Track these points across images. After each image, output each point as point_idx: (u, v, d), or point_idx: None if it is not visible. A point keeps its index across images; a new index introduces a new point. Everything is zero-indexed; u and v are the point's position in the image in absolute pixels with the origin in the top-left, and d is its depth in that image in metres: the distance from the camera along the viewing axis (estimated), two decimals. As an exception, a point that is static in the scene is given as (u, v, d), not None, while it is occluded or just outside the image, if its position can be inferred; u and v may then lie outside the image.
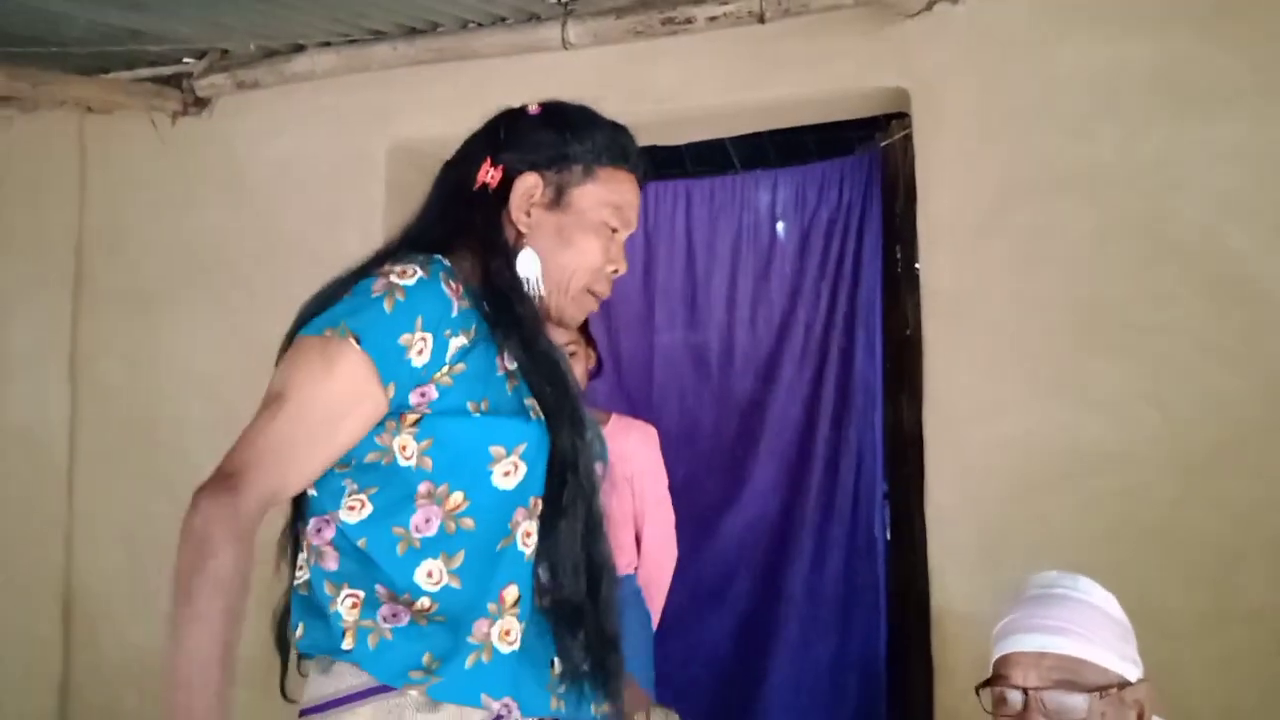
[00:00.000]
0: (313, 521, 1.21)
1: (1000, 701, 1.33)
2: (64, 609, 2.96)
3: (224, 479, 1.13)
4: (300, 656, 1.23)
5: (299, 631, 1.19)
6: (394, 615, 1.15)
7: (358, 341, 1.15)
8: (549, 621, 1.21)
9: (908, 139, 2.53)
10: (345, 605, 1.16)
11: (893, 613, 2.70)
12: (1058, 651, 1.32)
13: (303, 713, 1.18)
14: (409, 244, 1.28)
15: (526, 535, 1.19)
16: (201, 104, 2.93)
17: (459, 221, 1.29)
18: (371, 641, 1.15)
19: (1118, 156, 2.26)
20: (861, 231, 2.65)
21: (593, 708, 1.22)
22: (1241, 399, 2.15)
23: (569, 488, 1.22)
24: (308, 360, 1.18)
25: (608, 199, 1.31)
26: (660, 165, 2.86)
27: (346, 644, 1.15)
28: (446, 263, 1.23)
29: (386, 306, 1.17)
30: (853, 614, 2.69)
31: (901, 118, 2.60)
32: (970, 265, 2.35)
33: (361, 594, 1.16)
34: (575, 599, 1.21)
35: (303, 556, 1.22)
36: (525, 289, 1.28)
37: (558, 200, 1.30)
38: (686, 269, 2.84)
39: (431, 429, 1.18)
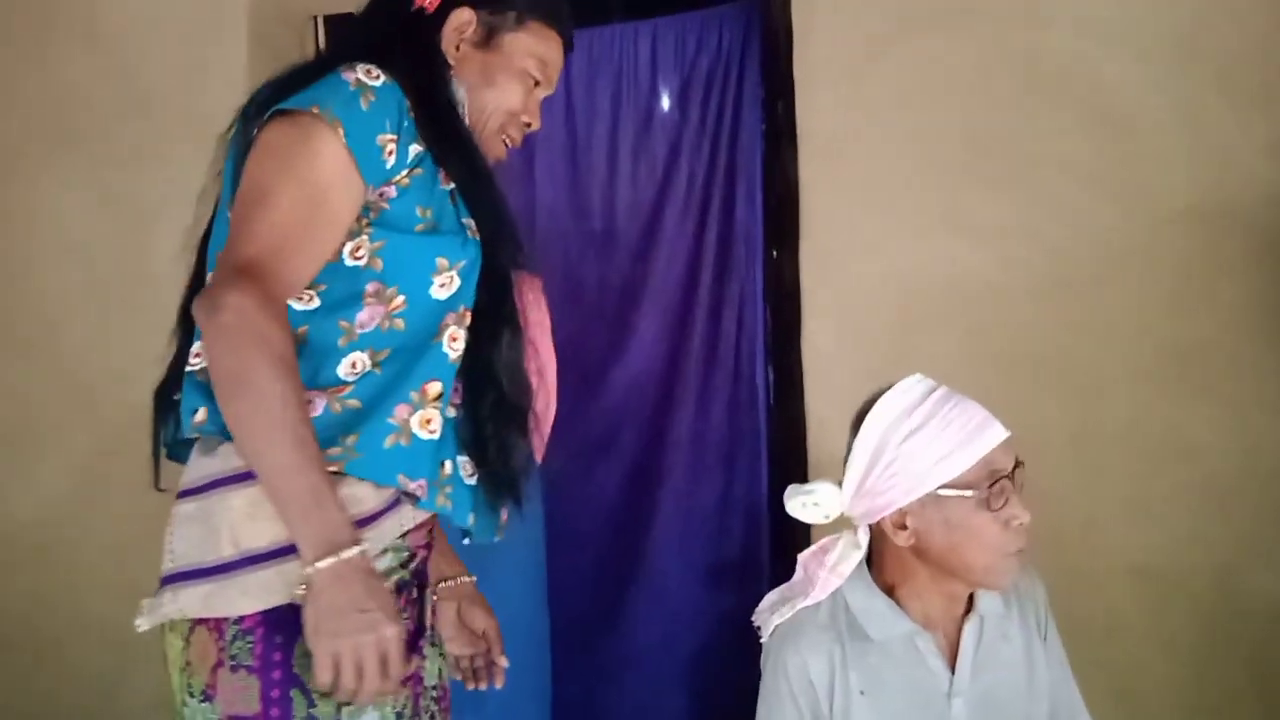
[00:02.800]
0: None
1: (998, 495, 1.34)
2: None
3: (240, 273, 1.12)
4: (179, 444, 1.24)
5: (200, 415, 1.17)
6: (309, 404, 1.15)
7: (344, 134, 1.17)
8: (485, 430, 1.26)
9: (787, -15, 2.52)
10: None
11: (774, 458, 2.79)
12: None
13: (182, 493, 1.18)
14: (343, 53, 1.28)
15: (453, 339, 1.24)
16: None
17: (395, 39, 1.32)
18: None
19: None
20: (741, 80, 2.63)
21: (472, 518, 1.26)
22: (1109, 227, 2.26)
23: (509, 302, 1.29)
24: (292, 143, 1.18)
25: (535, 50, 1.38)
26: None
27: None
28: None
29: (363, 104, 1.20)
30: (736, 460, 2.77)
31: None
32: (848, 104, 2.38)
33: None
34: (520, 404, 1.29)
35: (201, 344, 1.18)
36: (461, 111, 1.33)
37: (487, 40, 1.36)
38: (566, 122, 2.78)
39: (386, 232, 1.22)
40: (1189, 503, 2.22)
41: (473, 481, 1.26)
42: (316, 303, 1.20)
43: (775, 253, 2.56)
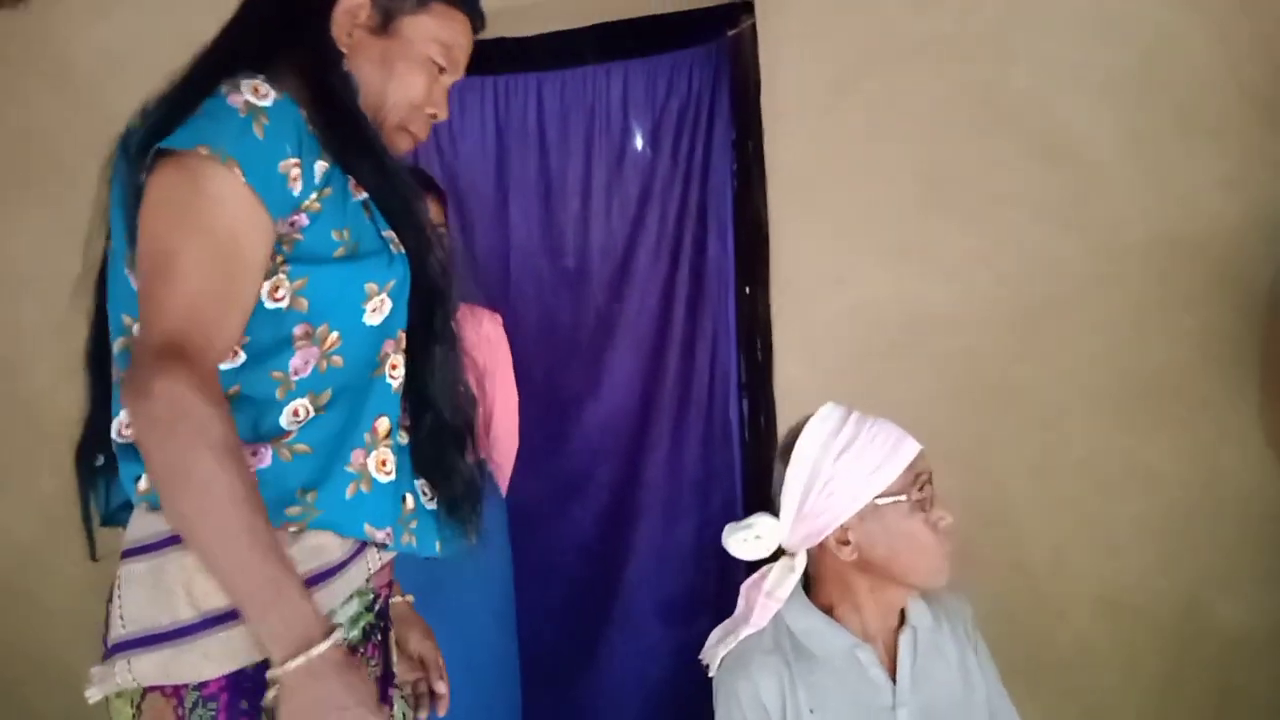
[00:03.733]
0: None
1: (925, 501, 1.43)
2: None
3: (164, 354, 1.01)
4: (117, 509, 1.16)
5: (144, 483, 1.07)
6: (255, 455, 1.07)
7: (242, 172, 1.05)
8: (425, 453, 1.19)
9: (755, 28, 2.56)
10: None
11: (748, 494, 2.80)
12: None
13: (128, 552, 1.09)
14: (224, 58, 1.16)
15: (393, 368, 1.17)
16: (19, -3, 2.73)
17: (281, 33, 1.19)
18: None
19: (956, 27, 2.35)
20: (711, 121, 2.67)
21: (439, 544, 1.22)
22: (1068, 259, 2.31)
23: (439, 316, 1.20)
24: (187, 194, 1.06)
25: (438, 34, 1.25)
26: (510, 59, 2.82)
27: None
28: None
29: (257, 131, 1.07)
30: (710, 497, 2.77)
31: (749, 9, 2.63)
32: (815, 142, 2.42)
33: None
34: (458, 424, 1.22)
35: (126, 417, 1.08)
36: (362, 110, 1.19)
37: (385, 25, 1.22)
38: (540, 163, 2.82)
39: (305, 268, 1.11)
40: (1152, 532, 2.25)
41: (433, 506, 1.22)
42: (242, 357, 1.09)
43: (748, 289, 2.59)
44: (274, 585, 1.00)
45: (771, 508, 2.38)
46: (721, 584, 2.77)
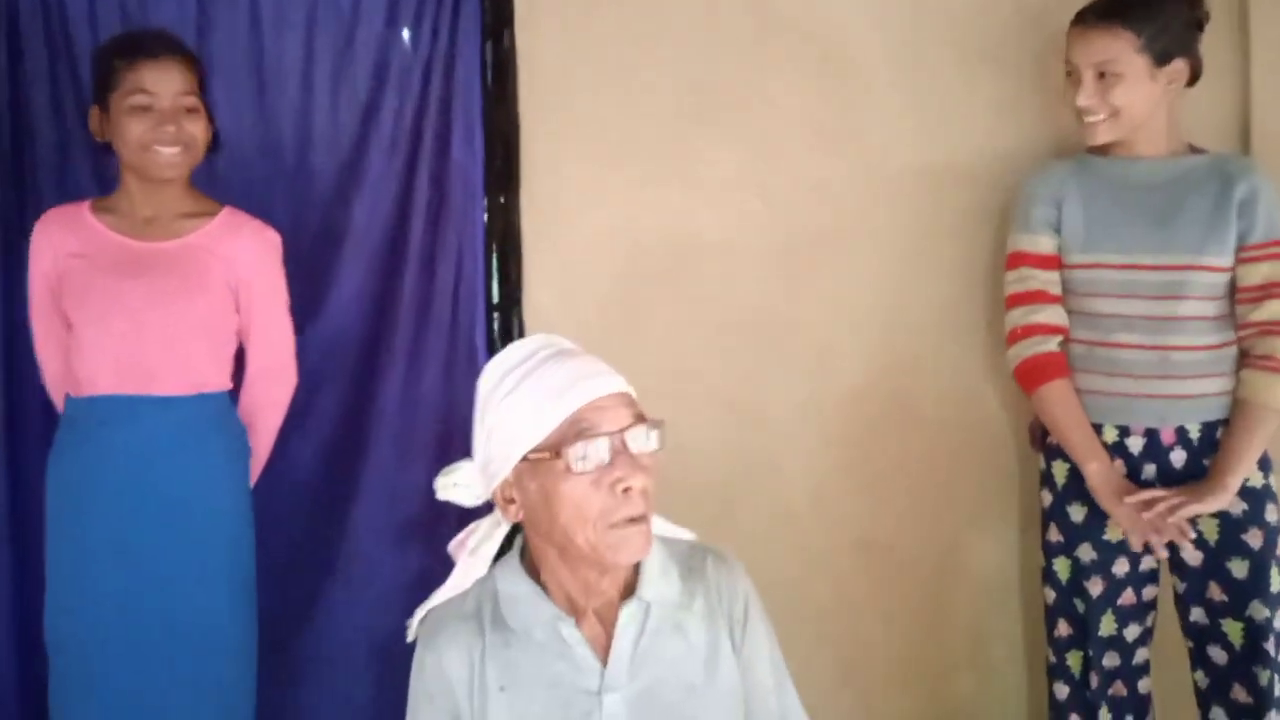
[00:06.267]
0: None
1: (580, 458, 1.16)
2: None
3: None
4: None
5: None
6: None
7: None
8: None
9: (510, -101, 2.26)
10: None
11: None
12: (625, 391, 1.20)
13: None
14: None
15: None
16: None
17: None
18: None
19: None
20: (459, 3, 2.35)
21: None
22: (839, 184, 2.21)
23: None
24: None
25: None
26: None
27: None
28: None
29: None
30: (453, 430, 2.50)
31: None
32: (573, 41, 2.21)
33: None
34: None
35: None
36: None
37: None
38: (251, 38, 2.38)
39: None
40: (914, 475, 2.21)
41: None
42: None
43: (502, 199, 2.31)
44: None
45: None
46: (462, 527, 2.53)
